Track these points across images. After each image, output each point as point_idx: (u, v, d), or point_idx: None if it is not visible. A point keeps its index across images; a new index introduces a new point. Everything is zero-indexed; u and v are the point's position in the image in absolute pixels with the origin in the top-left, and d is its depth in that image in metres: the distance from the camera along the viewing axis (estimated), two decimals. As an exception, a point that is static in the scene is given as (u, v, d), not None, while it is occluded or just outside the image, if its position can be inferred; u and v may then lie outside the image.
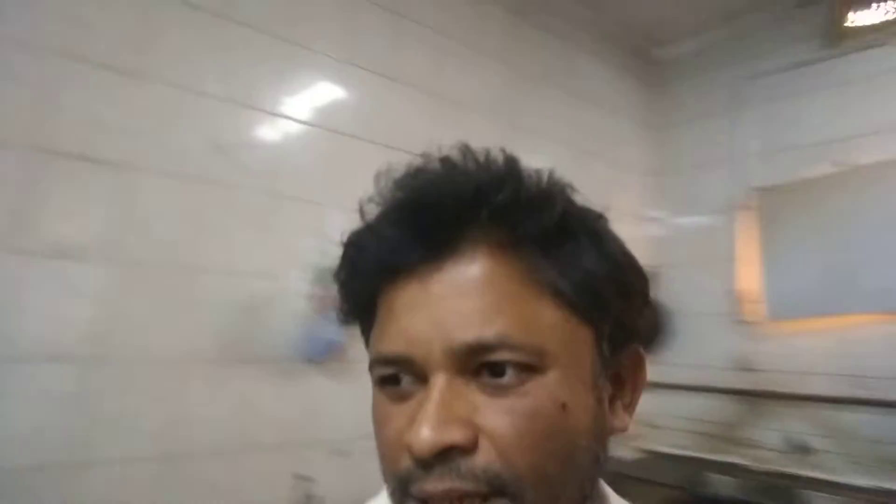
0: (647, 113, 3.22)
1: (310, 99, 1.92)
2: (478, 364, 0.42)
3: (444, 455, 0.40)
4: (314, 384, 1.86)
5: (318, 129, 1.93)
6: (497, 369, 0.41)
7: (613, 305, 0.46)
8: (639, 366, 0.50)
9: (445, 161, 0.46)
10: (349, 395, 1.94)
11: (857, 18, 2.58)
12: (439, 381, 0.41)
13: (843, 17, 2.61)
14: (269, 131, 1.82)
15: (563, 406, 0.41)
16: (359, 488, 1.85)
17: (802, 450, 2.49)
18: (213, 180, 1.69)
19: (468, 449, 0.40)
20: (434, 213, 0.43)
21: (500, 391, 0.41)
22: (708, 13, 2.95)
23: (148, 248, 1.57)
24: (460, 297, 0.42)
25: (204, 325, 1.65)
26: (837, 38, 2.63)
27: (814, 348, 2.45)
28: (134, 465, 1.51)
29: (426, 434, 0.39)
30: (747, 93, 2.89)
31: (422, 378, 0.43)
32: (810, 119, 2.69)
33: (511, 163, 0.45)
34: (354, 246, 0.47)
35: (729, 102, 2.95)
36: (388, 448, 0.43)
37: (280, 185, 1.82)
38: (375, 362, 0.45)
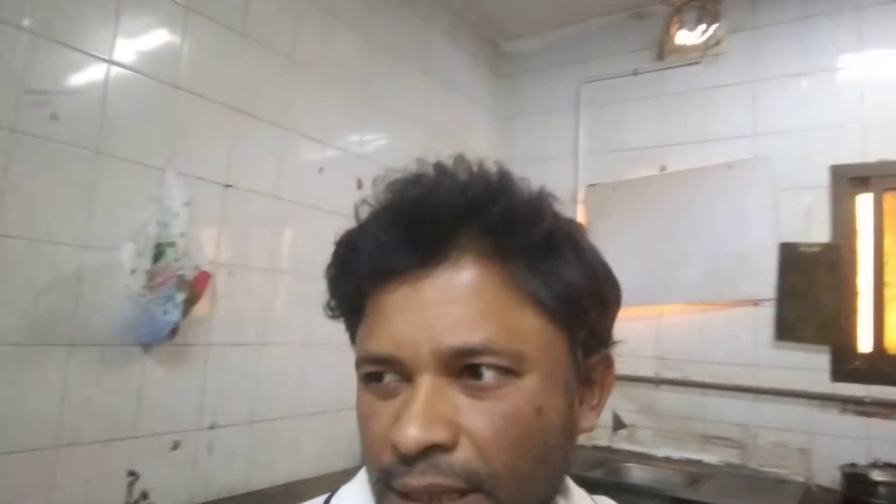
0: (497, 103, 3.30)
1: (147, 46, 1.68)
2: (461, 366, 0.44)
3: (427, 452, 0.42)
4: (146, 370, 1.65)
5: (157, 83, 1.69)
6: (478, 372, 0.44)
7: (589, 314, 0.49)
8: (608, 369, 0.53)
9: (440, 169, 0.48)
10: (184, 382, 1.75)
11: (681, 37, 2.85)
12: (425, 382, 0.44)
13: (671, 34, 2.88)
14: (96, 78, 1.56)
15: (539, 409, 0.44)
16: (196, 483, 1.72)
17: (624, 426, 2.74)
18: (22, 130, 1.41)
19: (449, 447, 0.42)
20: (429, 221, 0.45)
21: (481, 393, 0.43)
22: (554, 13, 3.08)
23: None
24: (449, 302, 0.44)
25: (8, 301, 1.37)
26: (665, 53, 2.89)
27: (633, 334, 2.70)
28: None
29: (412, 433, 0.41)
30: (586, 93, 3.08)
31: (407, 377, 0.45)
32: (637, 124, 2.93)
33: (505, 176, 0.47)
34: (347, 246, 0.49)
35: (570, 101, 3.12)
36: (373, 443, 0.45)
37: (109, 143, 1.57)
38: (363, 360, 0.47)
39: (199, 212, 1.70)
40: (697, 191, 2.71)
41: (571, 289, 0.47)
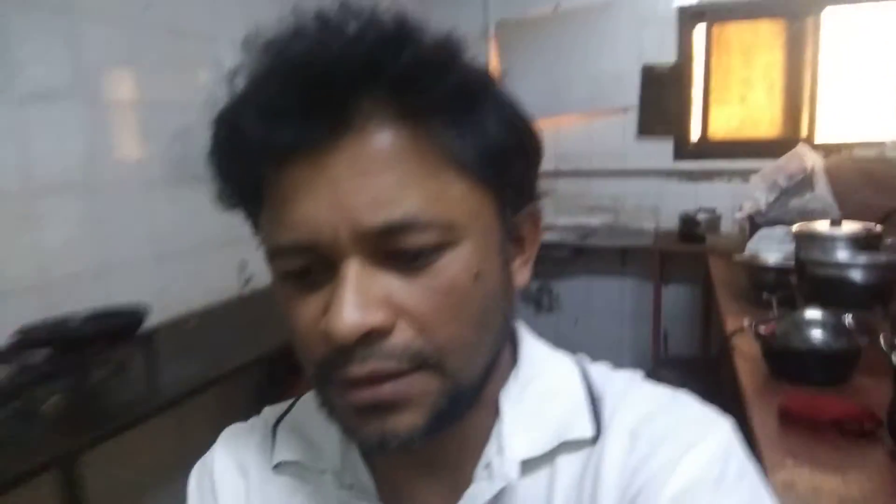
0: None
1: None
2: (387, 245, 0.39)
3: (364, 339, 0.38)
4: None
5: None
6: (408, 251, 0.39)
7: (515, 170, 0.44)
8: (536, 224, 0.49)
9: (323, 20, 0.39)
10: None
11: None
12: (351, 266, 0.38)
13: None
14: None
15: (477, 275, 0.41)
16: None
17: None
18: None
19: (387, 330, 0.39)
20: (322, 83, 0.37)
21: (415, 272, 0.39)
22: None
23: None
24: (361, 175, 0.38)
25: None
26: None
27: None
28: None
29: (345, 320, 0.37)
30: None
31: (329, 266, 0.39)
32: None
33: (402, 21, 0.39)
34: (229, 124, 0.41)
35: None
36: (303, 338, 0.41)
37: None
38: (276, 253, 0.42)
39: None
40: (582, 26, 3.52)
41: (495, 145, 0.42)
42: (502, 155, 0.42)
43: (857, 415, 1.10)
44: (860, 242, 1.58)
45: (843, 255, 1.56)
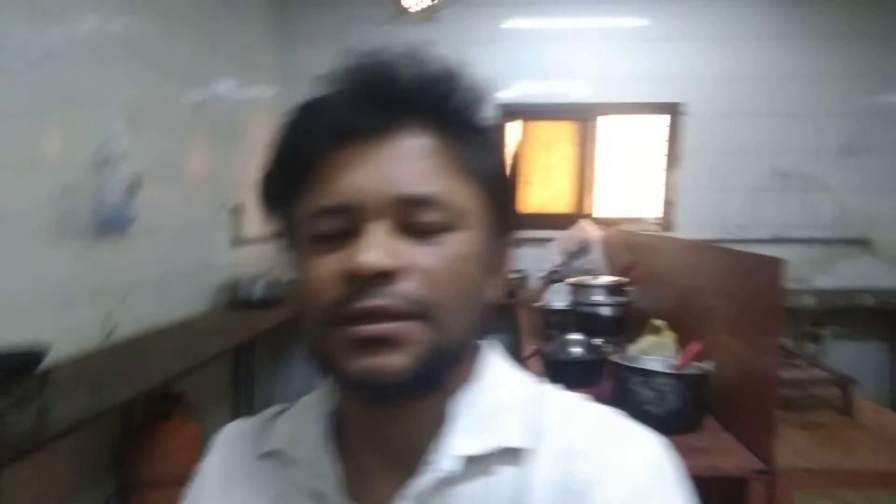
0: (280, 28, 4.22)
1: None
2: (410, 215, 0.49)
3: (379, 279, 0.47)
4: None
5: None
6: (426, 225, 0.49)
7: (507, 196, 0.56)
8: (508, 255, 0.58)
9: (402, 52, 0.52)
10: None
11: (411, 2, 4.14)
12: (380, 224, 0.48)
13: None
14: None
15: (472, 257, 0.51)
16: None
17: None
18: None
19: (399, 276, 0.47)
20: (395, 89, 0.50)
21: (427, 239, 0.49)
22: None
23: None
24: (405, 160, 0.50)
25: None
26: (402, 12, 4.16)
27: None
28: None
29: (369, 257, 0.46)
30: (348, 33, 4.19)
31: (356, 231, 0.49)
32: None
33: (458, 67, 0.53)
34: (307, 109, 0.52)
35: (339, 33, 4.17)
36: (321, 283, 0.49)
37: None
38: (318, 214, 0.50)
39: None
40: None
41: (498, 169, 0.55)
42: (500, 179, 0.56)
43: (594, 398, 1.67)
44: (611, 289, 2.25)
45: (598, 298, 2.20)
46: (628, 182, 4.24)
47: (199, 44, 3.29)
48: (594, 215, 4.07)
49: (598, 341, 1.92)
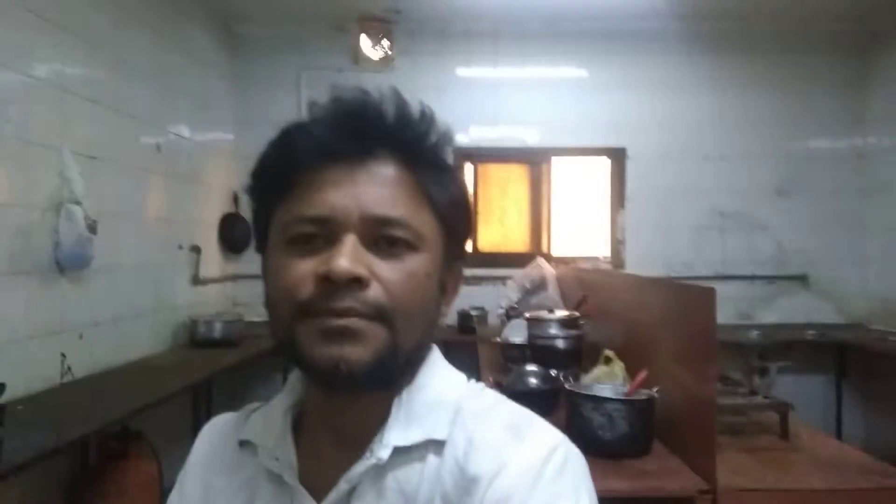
0: (233, 74, 4.29)
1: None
2: (378, 234, 0.56)
3: (350, 285, 0.53)
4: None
5: None
6: (391, 241, 0.56)
7: (461, 227, 0.64)
8: (458, 280, 0.65)
9: (369, 93, 0.60)
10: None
11: (366, 51, 4.28)
12: (351, 238, 0.55)
13: (361, 48, 4.28)
14: None
15: (428, 275, 0.58)
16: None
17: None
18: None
19: (366, 285, 0.54)
20: (371, 121, 0.58)
21: (391, 257, 0.56)
22: (277, 9, 4.13)
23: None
24: (377, 185, 0.57)
25: None
26: (359, 60, 4.30)
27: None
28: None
29: (346, 262, 0.53)
30: (305, 79, 4.30)
31: (331, 240, 0.55)
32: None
33: (428, 110, 0.61)
34: (295, 129, 0.59)
35: (293, 83, 4.30)
36: (293, 283, 0.55)
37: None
38: (297, 221, 0.57)
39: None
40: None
41: (456, 201, 0.62)
42: (457, 210, 0.62)
43: (550, 426, 1.74)
44: (565, 323, 2.34)
45: (553, 331, 2.29)
46: (580, 222, 4.41)
47: (157, 88, 3.35)
48: (550, 253, 4.21)
49: (553, 372, 2.00)
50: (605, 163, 4.40)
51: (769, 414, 1.89)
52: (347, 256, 0.54)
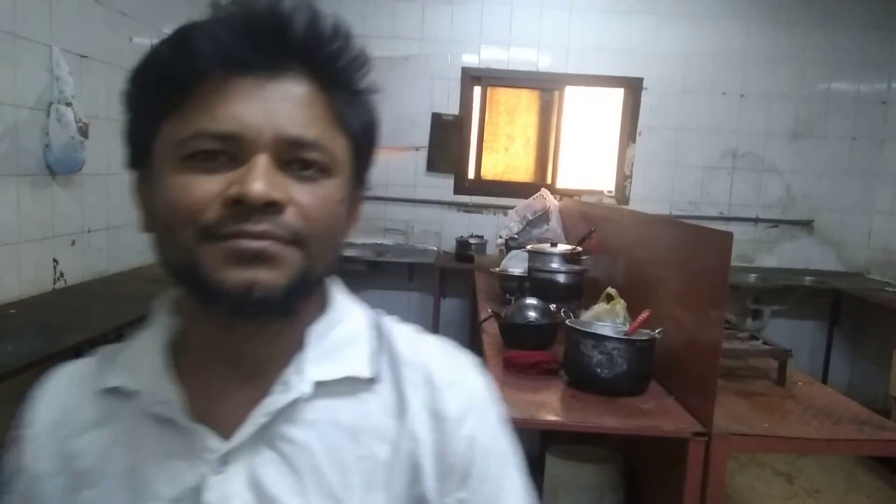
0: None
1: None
2: (291, 156, 0.52)
3: (265, 208, 0.49)
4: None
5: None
6: (305, 164, 0.52)
7: (368, 153, 0.60)
8: (359, 206, 0.62)
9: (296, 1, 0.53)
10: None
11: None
12: (264, 158, 0.50)
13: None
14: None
15: (340, 201, 0.55)
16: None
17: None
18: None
19: (282, 210, 0.50)
20: (284, 31, 0.52)
21: (306, 180, 0.52)
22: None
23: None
24: (291, 103, 0.52)
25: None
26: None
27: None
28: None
29: (262, 186, 0.49)
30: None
31: (239, 158, 0.50)
32: (350, 19, 4.11)
33: (344, 26, 0.55)
34: (195, 29, 0.51)
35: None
36: (195, 204, 0.50)
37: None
38: (194, 137, 0.50)
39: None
40: (386, 73, 4.10)
41: (368, 128, 0.58)
42: (368, 135, 0.59)
43: (548, 360, 1.73)
44: (566, 257, 2.29)
45: (554, 265, 2.25)
46: (587, 154, 4.29)
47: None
48: (556, 186, 4.12)
49: (552, 306, 1.97)
50: (618, 94, 4.24)
51: (766, 359, 1.88)
52: (263, 179, 0.49)
